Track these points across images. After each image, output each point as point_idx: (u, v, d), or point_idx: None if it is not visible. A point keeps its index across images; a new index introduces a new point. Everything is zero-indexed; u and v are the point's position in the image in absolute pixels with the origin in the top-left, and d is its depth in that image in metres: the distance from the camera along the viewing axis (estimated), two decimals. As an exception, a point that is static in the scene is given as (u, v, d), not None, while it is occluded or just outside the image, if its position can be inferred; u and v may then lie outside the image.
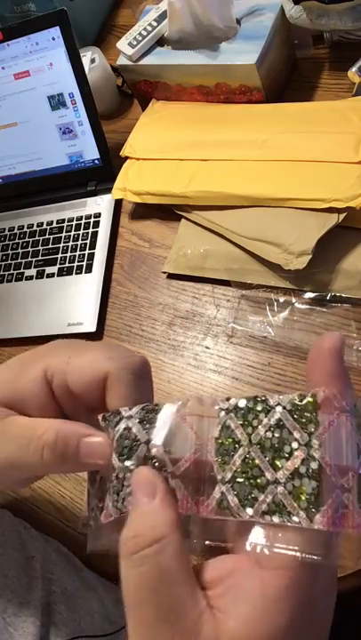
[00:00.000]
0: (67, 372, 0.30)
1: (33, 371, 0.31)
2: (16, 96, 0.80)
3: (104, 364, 0.29)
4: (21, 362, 0.32)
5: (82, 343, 0.32)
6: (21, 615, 0.51)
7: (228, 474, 0.23)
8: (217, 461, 0.24)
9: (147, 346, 0.68)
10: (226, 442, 0.24)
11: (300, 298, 0.61)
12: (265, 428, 0.23)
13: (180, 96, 0.78)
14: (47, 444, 0.29)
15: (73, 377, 0.30)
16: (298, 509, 0.21)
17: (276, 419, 0.23)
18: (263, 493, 0.22)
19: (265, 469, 0.22)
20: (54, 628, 0.52)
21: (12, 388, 0.31)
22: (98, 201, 0.82)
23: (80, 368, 0.30)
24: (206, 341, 0.65)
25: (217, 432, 0.24)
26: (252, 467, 0.23)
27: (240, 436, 0.24)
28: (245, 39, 0.69)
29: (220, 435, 0.24)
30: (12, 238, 0.85)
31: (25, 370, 0.31)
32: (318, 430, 0.21)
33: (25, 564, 0.54)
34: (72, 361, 0.30)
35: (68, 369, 0.30)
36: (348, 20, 0.66)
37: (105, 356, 0.30)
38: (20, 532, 0.58)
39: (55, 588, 0.54)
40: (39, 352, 0.33)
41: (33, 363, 0.32)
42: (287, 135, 0.66)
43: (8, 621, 0.50)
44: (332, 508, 0.20)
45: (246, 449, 0.23)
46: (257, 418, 0.23)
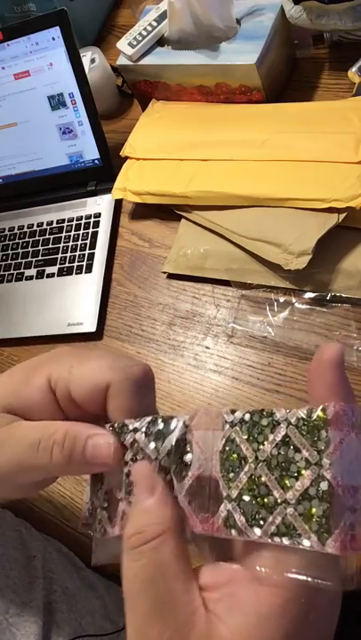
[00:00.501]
0: (69, 380, 0.30)
1: (37, 379, 0.31)
2: (16, 96, 0.80)
3: (105, 374, 0.29)
4: (25, 370, 0.32)
5: (85, 351, 0.32)
6: (23, 615, 0.51)
7: (233, 491, 0.23)
8: (222, 477, 0.23)
9: (147, 346, 0.68)
10: (231, 457, 0.23)
11: (300, 298, 0.61)
12: (271, 444, 0.22)
13: (180, 96, 0.78)
14: (56, 442, 0.29)
15: (75, 386, 0.30)
16: (309, 532, 0.20)
17: (282, 435, 0.22)
18: (272, 514, 0.21)
19: (273, 488, 0.22)
20: (56, 627, 0.52)
21: (17, 395, 0.32)
22: (98, 201, 0.82)
23: (82, 377, 0.30)
24: (206, 341, 0.65)
25: (221, 446, 0.24)
26: (258, 485, 0.22)
27: (245, 451, 0.23)
28: (245, 39, 0.69)
29: (224, 449, 0.24)
30: (12, 238, 0.86)
31: (29, 378, 0.31)
32: (329, 449, 0.21)
33: (26, 563, 0.55)
34: (74, 370, 0.30)
35: (71, 377, 0.30)
36: (348, 19, 0.66)
37: (107, 365, 0.30)
38: (21, 532, 0.58)
39: (56, 588, 0.54)
40: (43, 360, 0.33)
41: (37, 371, 0.32)
42: (287, 135, 0.66)
43: (10, 622, 0.50)
44: (344, 532, 0.20)
45: (252, 465, 0.22)
46: (262, 433, 0.23)
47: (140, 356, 0.68)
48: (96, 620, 0.54)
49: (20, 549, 0.56)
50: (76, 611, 0.54)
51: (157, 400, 0.30)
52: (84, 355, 0.31)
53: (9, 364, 0.76)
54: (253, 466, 0.22)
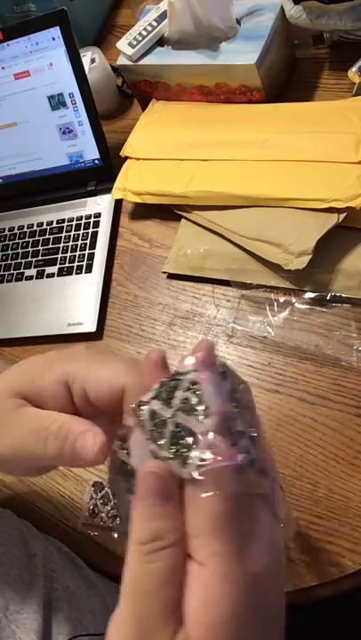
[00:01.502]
0: (86, 380, 0.32)
1: (55, 372, 0.33)
2: (16, 96, 0.80)
3: (122, 378, 0.31)
4: (45, 361, 0.35)
5: (103, 353, 0.35)
6: (23, 612, 0.51)
7: (244, 425, 0.26)
8: (234, 412, 0.26)
9: (147, 346, 0.68)
10: (235, 397, 0.27)
11: (300, 298, 0.61)
12: None
13: (180, 96, 0.78)
14: (52, 433, 0.31)
15: (91, 386, 0.32)
16: None
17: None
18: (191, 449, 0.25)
19: None
20: (56, 625, 0.52)
21: (33, 383, 0.34)
22: (98, 201, 0.82)
23: (99, 378, 0.32)
24: (206, 341, 0.65)
25: (228, 387, 0.27)
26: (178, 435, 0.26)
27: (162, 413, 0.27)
28: (245, 39, 0.69)
29: (231, 390, 0.27)
30: (12, 238, 0.86)
31: (48, 369, 0.33)
32: None
33: (27, 562, 0.55)
34: (92, 370, 0.32)
35: (88, 377, 0.32)
36: (348, 20, 0.66)
37: (124, 369, 0.32)
38: (21, 531, 0.58)
39: (57, 586, 0.54)
40: (63, 354, 0.35)
41: (56, 364, 0.34)
42: (287, 135, 0.66)
43: (10, 619, 0.50)
44: None
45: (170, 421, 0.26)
46: (171, 396, 0.26)
47: (140, 356, 0.68)
48: (96, 619, 0.54)
49: (20, 548, 0.56)
50: (76, 609, 0.54)
51: None
52: (102, 357, 0.34)
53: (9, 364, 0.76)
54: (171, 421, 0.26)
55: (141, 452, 0.26)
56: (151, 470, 0.25)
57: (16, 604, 0.51)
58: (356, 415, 0.55)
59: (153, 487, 0.24)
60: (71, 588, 0.55)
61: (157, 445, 0.25)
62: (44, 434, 0.31)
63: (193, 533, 0.24)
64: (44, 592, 0.53)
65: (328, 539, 0.50)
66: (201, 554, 0.24)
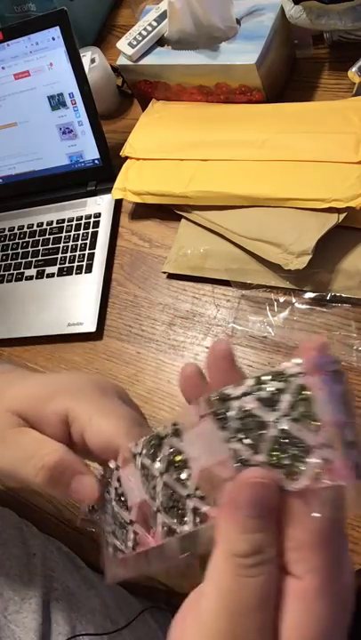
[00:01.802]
0: (86, 428, 0.33)
1: (58, 404, 0.33)
2: (16, 96, 0.80)
3: (120, 440, 0.31)
4: (51, 387, 0.35)
5: (110, 401, 0.34)
6: (22, 612, 0.51)
7: (157, 504, 0.27)
8: (148, 498, 0.27)
9: (147, 346, 0.68)
10: (147, 479, 0.27)
11: (300, 298, 0.61)
12: (165, 457, 0.27)
13: (180, 96, 0.78)
14: (47, 465, 0.31)
15: (90, 436, 0.32)
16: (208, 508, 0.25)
17: (167, 448, 0.27)
18: (184, 509, 0.25)
19: (176, 489, 0.26)
20: (55, 625, 0.52)
21: (35, 409, 0.34)
22: (98, 201, 0.82)
23: (99, 432, 0.32)
24: (206, 341, 0.65)
25: (139, 473, 0.28)
26: (168, 492, 0.26)
27: (152, 470, 0.27)
28: (245, 39, 0.69)
29: (142, 474, 0.28)
30: (12, 238, 0.86)
31: (51, 400, 0.34)
32: (195, 444, 0.25)
33: (26, 561, 0.55)
34: (94, 420, 0.33)
35: (89, 427, 0.33)
36: (348, 19, 0.66)
37: (124, 430, 0.32)
38: (21, 530, 0.58)
39: (57, 586, 0.54)
40: (69, 384, 0.35)
41: (60, 395, 0.34)
42: (287, 135, 0.66)
43: (9, 619, 0.50)
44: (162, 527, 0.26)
45: (159, 478, 0.26)
46: (155, 453, 0.27)
47: (139, 356, 0.68)
48: (96, 619, 0.54)
49: (20, 547, 0.56)
50: (75, 609, 0.54)
51: (158, 400, 0.31)
52: (107, 406, 0.34)
53: (9, 364, 0.76)
54: (160, 478, 0.26)
55: (210, 447, 0.24)
56: (256, 480, 0.23)
57: (15, 604, 0.51)
58: (356, 415, 0.54)
59: (260, 498, 0.23)
60: (71, 588, 0.55)
61: (245, 446, 0.23)
62: (38, 463, 0.32)
63: (292, 546, 0.23)
64: (44, 592, 0.53)
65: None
66: (300, 568, 0.23)
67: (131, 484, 0.29)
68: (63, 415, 0.33)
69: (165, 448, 0.26)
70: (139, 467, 0.28)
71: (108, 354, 0.70)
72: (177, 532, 0.25)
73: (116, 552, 0.30)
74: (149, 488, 0.27)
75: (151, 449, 0.27)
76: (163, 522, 0.26)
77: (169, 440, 0.26)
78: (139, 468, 0.28)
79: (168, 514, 0.26)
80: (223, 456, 0.24)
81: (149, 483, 0.27)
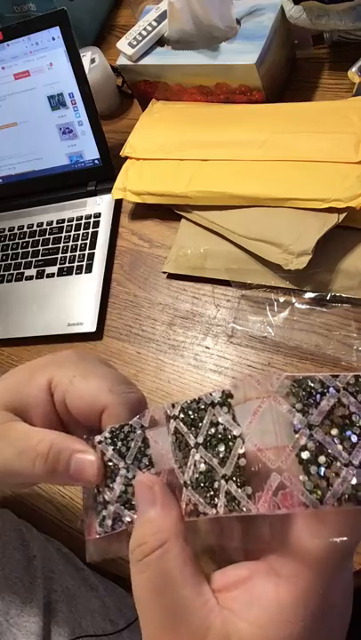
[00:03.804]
0: (68, 390, 0.31)
1: (40, 379, 0.32)
2: (16, 96, 0.80)
3: (104, 397, 0.30)
4: (32, 368, 0.34)
5: (90, 364, 0.33)
6: (24, 615, 0.51)
7: (187, 477, 0.24)
8: (177, 467, 0.25)
9: (147, 346, 0.68)
10: (179, 446, 0.25)
11: (300, 298, 0.61)
12: (204, 427, 0.24)
13: (180, 96, 0.78)
14: (40, 454, 0.30)
15: (72, 398, 0.31)
16: (245, 498, 0.22)
17: (211, 417, 0.23)
18: (218, 490, 0.23)
19: (214, 466, 0.23)
20: (56, 627, 0.52)
21: (19, 392, 0.33)
22: (98, 201, 0.82)
23: (80, 392, 0.31)
24: (206, 341, 0.65)
25: (170, 438, 0.25)
26: (200, 467, 0.24)
27: (187, 439, 0.24)
28: (245, 39, 0.69)
29: (174, 440, 0.25)
30: (12, 238, 0.86)
31: (33, 376, 0.33)
32: (248, 419, 0.22)
33: (26, 564, 0.55)
34: (75, 381, 0.31)
35: (69, 389, 0.31)
36: (348, 20, 0.66)
37: (107, 387, 0.31)
38: (21, 532, 0.58)
39: (57, 588, 0.54)
40: (48, 361, 0.34)
41: (41, 370, 0.33)
42: (287, 135, 0.66)
43: (11, 622, 0.50)
44: (271, 491, 0.21)
45: (194, 450, 0.24)
46: (196, 419, 0.24)
47: (140, 356, 0.68)
48: (96, 621, 0.54)
49: (20, 550, 0.56)
50: (76, 611, 0.54)
51: (158, 400, 0.30)
52: (88, 369, 0.32)
53: (9, 364, 0.76)
54: (195, 450, 0.24)
55: (270, 428, 0.21)
56: (138, 481, 0.25)
57: (17, 608, 0.51)
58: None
59: (139, 497, 0.25)
60: (71, 590, 0.55)
61: (329, 435, 0.20)
62: (32, 454, 0.30)
63: (281, 552, 0.23)
64: (44, 594, 0.53)
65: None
66: (285, 570, 0.23)
67: (159, 449, 0.26)
68: (46, 388, 0.32)
69: (208, 417, 0.23)
70: (171, 431, 0.25)
71: (108, 354, 0.70)
72: (202, 514, 0.23)
73: (115, 524, 0.27)
74: (180, 457, 0.25)
75: (191, 414, 0.24)
76: (189, 498, 0.24)
77: (216, 409, 0.23)
78: (171, 433, 0.25)
79: (196, 491, 0.24)
80: (284, 442, 0.21)
81: (181, 452, 0.24)
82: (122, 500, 0.27)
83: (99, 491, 0.29)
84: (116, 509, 0.27)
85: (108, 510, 0.27)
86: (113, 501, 0.27)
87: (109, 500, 0.27)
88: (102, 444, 0.29)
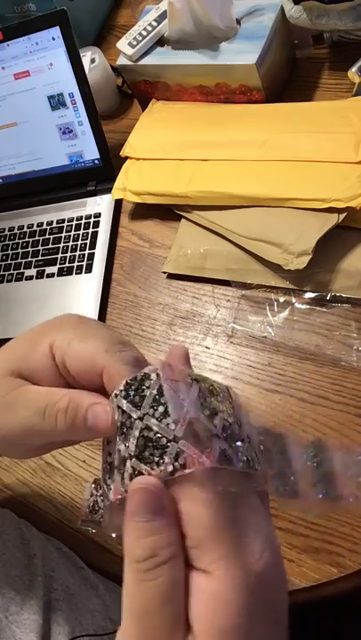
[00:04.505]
0: (66, 353, 0.32)
1: (42, 344, 0.33)
2: (16, 96, 0.80)
3: (100, 357, 0.31)
4: (33, 334, 0.35)
5: (87, 326, 0.33)
6: (23, 613, 0.51)
7: (216, 427, 0.26)
8: (204, 417, 0.26)
9: (147, 346, 0.68)
10: (207, 402, 0.26)
11: (300, 298, 0.61)
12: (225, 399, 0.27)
13: (180, 96, 0.78)
14: (60, 409, 0.30)
15: (71, 360, 0.32)
16: None
17: None
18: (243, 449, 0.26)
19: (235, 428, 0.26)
20: (56, 625, 0.52)
21: (24, 359, 0.33)
22: (98, 201, 0.82)
23: (77, 354, 0.31)
24: (206, 341, 0.65)
25: (196, 393, 0.27)
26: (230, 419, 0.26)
27: (213, 401, 0.26)
28: (245, 39, 0.69)
29: (200, 395, 0.27)
30: (12, 238, 0.86)
31: (35, 343, 0.33)
32: None
33: (27, 562, 0.55)
34: (73, 344, 0.32)
35: (69, 351, 0.32)
36: (348, 20, 0.66)
37: (103, 348, 0.31)
38: (21, 531, 0.58)
39: (57, 586, 0.54)
40: (49, 326, 0.35)
41: (43, 336, 0.34)
42: (287, 135, 0.66)
43: (10, 619, 0.50)
44: None
45: (227, 403, 0.27)
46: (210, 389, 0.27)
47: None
48: (96, 619, 0.54)
49: (20, 548, 0.56)
50: (76, 609, 0.54)
51: None
52: (86, 331, 0.33)
53: (9, 364, 0.76)
54: (221, 413, 0.26)
55: None
56: (139, 486, 0.24)
57: (16, 605, 0.51)
58: (356, 415, 0.55)
59: (143, 502, 0.24)
60: (71, 589, 0.55)
61: None
62: (53, 410, 0.30)
63: (192, 544, 0.24)
64: (44, 592, 0.53)
65: (328, 539, 0.50)
66: (202, 562, 0.24)
67: (180, 398, 0.26)
68: (49, 352, 0.33)
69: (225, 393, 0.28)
70: (195, 388, 0.27)
71: (108, 354, 0.70)
72: (233, 464, 0.25)
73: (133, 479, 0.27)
74: (209, 413, 0.26)
75: (208, 384, 0.28)
76: (219, 448, 0.25)
77: None
78: (195, 389, 0.27)
79: (227, 442, 0.25)
80: None
81: (209, 407, 0.26)
82: (137, 453, 0.26)
83: (117, 450, 0.28)
84: (132, 464, 0.26)
85: (127, 467, 0.27)
86: (130, 456, 0.27)
87: (127, 455, 0.27)
88: (117, 398, 0.28)
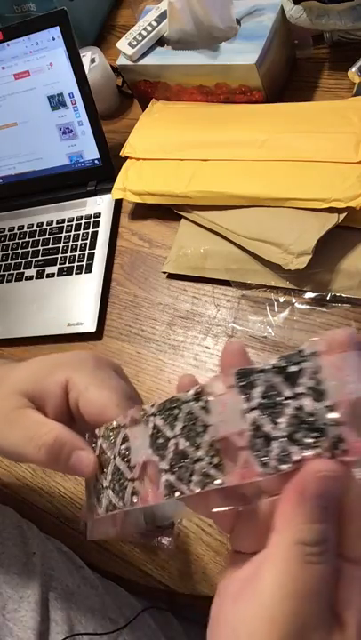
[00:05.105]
0: (81, 395, 0.35)
1: (58, 375, 0.36)
2: (16, 96, 0.80)
3: (111, 410, 0.34)
4: (52, 363, 0.38)
5: (106, 374, 0.37)
6: (21, 610, 0.51)
7: (166, 464, 0.27)
8: (157, 456, 0.28)
9: (147, 346, 0.68)
10: (158, 439, 0.28)
11: (300, 298, 0.61)
12: (182, 420, 0.27)
13: (180, 96, 0.78)
14: (45, 444, 0.34)
15: (84, 404, 0.35)
16: (219, 475, 0.25)
17: (186, 412, 0.27)
18: (194, 471, 0.26)
19: (190, 453, 0.27)
20: (54, 624, 0.52)
21: (36, 383, 0.37)
22: (98, 201, 0.82)
23: (92, 401, 0.35)
24: (206, 341, 0.65)
25: (149, 433, 0.29)
26: (179, 453, 0.27)
27: (166, 431, 0.28)
28: (245, 39, 0.69)
29: (152, 434, 0.29)
30: (12, 238, 0.86)
31: (52, 371, 0.37)
32: (219, 410, 0.26)
33: (25, 560, 0.55)
34: (90, 389, 0.36)
35: (84, 394, 0.35)
36: (348, 20, 0.66)
37: (115, 402, 0.34)
38: (22, 529, 0.58)
39: (56, 585, 0.54)
40: (67, 359, 0.38)
41: (61, 368, 0.37)
42: (287, 135, 0.66)
43: (8, 617, 0.50)
44: (240, 466, 0.25)
45: (173, 440, 0.27)
46: (172, 415, 0.28)
47: (140, 356, 0.68)
48: (95, 619, 0.54)
49: (20, 546, 0.56)
50: (75, 608, 0.54)
51: (158, 400, 0.32)
52: (104, 380, 0.36)
53: (9, 364, 0.76)
54: (174, 440, 0.27)
55: (231, 416, 0.25)
56: (327, 474, 0.23)
57: (14, 603, 0.51)
58: None
59: (328, 490, 0.23)
60: (70, 588, 0.55)
61: (266, 419, 0.24)
62: (39, 442, 0.34)
63: (356, 533, 0.24)
64: (43, 590, 0.53)
65: None
66: None
67: (137, 443, 0.30)
68: (63, 384, 0.36)
69: (184, 411, 0.27)
70: (150, 427, 0.29)
71: (108, 354, 0.70)
72: (178, 493, 0.27)
73: (108, 509, 0.31)
74: (159, 448, 0.28)
75: (169, 411, 0.28)
76: (167, 480, 0.27)
77: (190, 405, 0.27)
78: (150, 429, 0.29)
79: (175, 474, 0.27)
80: (242, 426, 0.25)
81: (160, 443, 0.28)
82: (110, 486, 0.31)
83: (97, 479, 0.33)
84: (108, 494, 0.31)
85: (104, 495, 0.32)
86: (106, 487, 0.31)
87: (105, 486, 0.32)
88: (100, 439, 0.33)
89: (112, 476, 0.31)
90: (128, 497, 0.29)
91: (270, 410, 0.24)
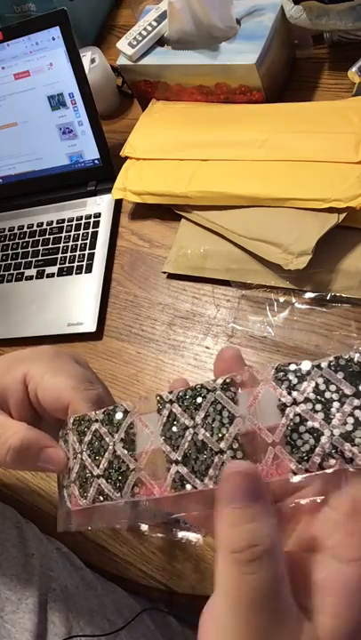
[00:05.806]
0: (38, 385, 0.35)
1: (17, 371, 0.36)
2: (16, 96, 0.80)
3: (67, 394, 0.34)
4: (11, 360, 0.38)
5: (62, 361, 0.37)
6: (19, 612, 0.51)
7: (179, 454, 0.27)
8: (168, 446, 0.27)
9: (147, 346, 0.68)
10: (172, 428, 0.27)
11: (300, 298, 0.61)
12: (203, 410, 0.27)
13: (180, 96, 0.78)
14: (12, 446, 0.34)
15: (42, 393, 0.35)
16: None
17: (211, 401, 0.27)
18: (211, 464, 0.25)
19: (211, 444, 0.26)
20: (52, 625, 0.52)
21: None
22: (98, 201, 0.82)
23: (48, 388, 0.35)
24: (206, 341, 0.65)
25: (163, 421, 0.28)
26: (198, 443, 0.26)
27: (184, 420, 0.27)
28: (245, 39, 0.69)
29: (166, 423, 0.28)
30: (12, 238, 0.86)
31: (12, 368, 0.37)
32: (248, 403, 0.26)
33: (24, 561, 0.55)
34: (46, 377, 0.35)
35: (40, 383, 0.35)
36: (348, 20, 0.66)
37: (71, 385, 0.35)
38: (21, 530, 0.58)
39: (55, 586, 0.54)
40: (25, 355, 0.38)
41: (19, 363, 0.37)
42: (287, 135, 0.66)
43: (5, 619, 0.50)
44: (269, 462, 0.24)
45: (191, 430, 0.27)
46: (194, 403, 0.27)
47: (139, 356, 0.68)
48: (94, 620, 0.54)
49: (18, 547, 0.56)
50: (73, 610, 0.54)
51: None
52: (59, 367, 0.36)
53: (9, 364, 0.76)
54: (192, 430, 0.27)
55: (265, 410, 0.25)
56: (235, 470, 0.23)
57: (12, 604, 0.51)
58: None
59: (241, 487, 0.23)
60: (69, 589, 0.55)
61: (319, 414, 0.24)
62: (4, 445, 0.34)
63: (348, 531, 0.23)
64: (41, 592, 0.53)
65: None
66: (346, 553, 0.23)
67: (146, 431, 0.28)
68: (22, 379, 0.36)
69: (209, 400, 0.26)
70: (164, 415, 0.28)
71: (108, 354, 0.70)
72: (190, 486, 0.26)
73: (96, 500, 0.29)
74: (172, 438, 0.27)
75: (191, 398, 0.27)
76: (177, 472, 0.26)
77: (216, 394, 0.26)
78: (164, 417, 0.28)
79: (188, 466, 0.26)
80: (276, 421, 0.25)
81: (174, 432, 0.27)
82: (105, 475, 0.30)
83: (84, 467, 0.31)
84: (99, 484, 0.30)
85: (92, 485, 0.30)
86: (98, 476, 0.30)
87: (96, 474, 0.30)
88: (97, 423, 0.31)
89: (108, 464, 0.29)
90: (128, 488, 0.28)
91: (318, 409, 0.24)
